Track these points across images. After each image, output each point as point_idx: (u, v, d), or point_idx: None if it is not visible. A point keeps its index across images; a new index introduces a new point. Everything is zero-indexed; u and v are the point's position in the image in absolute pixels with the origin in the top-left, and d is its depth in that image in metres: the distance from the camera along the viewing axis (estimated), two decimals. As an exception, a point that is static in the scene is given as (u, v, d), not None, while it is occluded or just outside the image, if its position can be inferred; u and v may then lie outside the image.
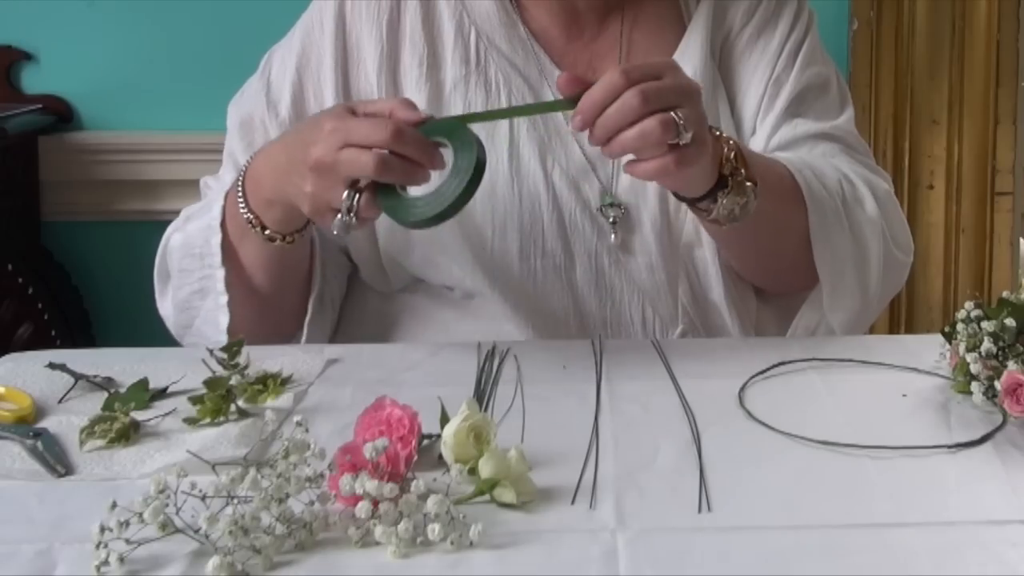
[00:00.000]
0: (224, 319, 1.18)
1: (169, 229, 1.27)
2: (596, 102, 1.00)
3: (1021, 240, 2.36)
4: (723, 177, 1.08)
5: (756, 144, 1.26)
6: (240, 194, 1.15)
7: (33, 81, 2.25)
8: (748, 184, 1.09)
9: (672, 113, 0.99)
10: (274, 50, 1.31)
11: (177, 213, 1.27)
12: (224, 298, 1.18)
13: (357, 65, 1.25)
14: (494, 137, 1.22)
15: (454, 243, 1.22)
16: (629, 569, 0.72)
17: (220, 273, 1.18)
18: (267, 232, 1.15)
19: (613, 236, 1.22)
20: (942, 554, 0.73)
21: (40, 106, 2.23)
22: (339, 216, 1.02)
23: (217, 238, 1.18)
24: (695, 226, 1.22)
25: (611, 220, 1.23)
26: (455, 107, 1.24)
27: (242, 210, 1.15)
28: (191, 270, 1.21)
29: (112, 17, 2.22)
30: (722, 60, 1.29)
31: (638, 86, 0.99)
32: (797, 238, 1.18)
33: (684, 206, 1.17)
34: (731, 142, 1.10)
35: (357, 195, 1.01)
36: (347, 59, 1.26)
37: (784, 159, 1.20)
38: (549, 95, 1.24)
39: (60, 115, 2.25)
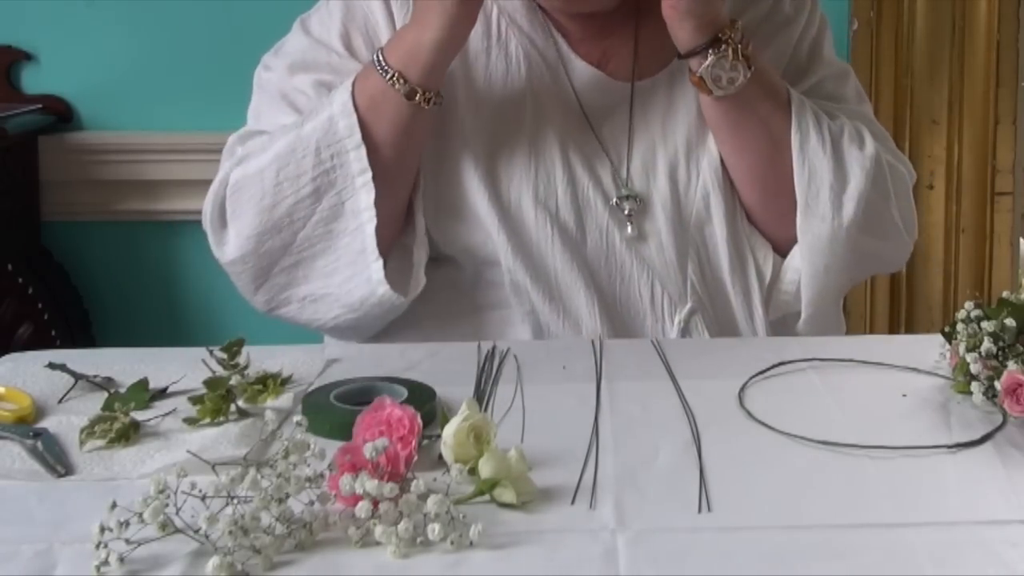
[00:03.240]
0: (367, 196, 1.19)
1: (221, 173, 1.26)
2: None
3: (1021, 240, 2.36)
4: (718, 40, 1.19)
5: None
6: (381, 62, 1.19)
7: (33, 81, 2.25)
8: (741, 59, 1.19)
9: None
10: (306, 18, 1.32)
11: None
12: (368, 174, 1.19)
13: (398, 20, 1.28)
14: (516, 111, 1.26)
15: (479, 202, 1.24)
16: (629, 569, 0.72)
17: (359, 152, 1.19)
18: (411, 87, 1.18)
19: (629, 228, 1.25)
20: (942, 554, 0.73)
21: (40, 106, 2.23)
22: None
23: (350, 119, 1.19)
24: (705, 203, 1.25)
25: (627, 212, 1.25)
26: (476, 74, 1.27)
27: (383, 73, 1.19)
28: (297, 175, 1.20)
29: (112, 17, 2.22)
30: None
31: None
32: (787, 159, 1.23)
33: (695, 182, 1.25)
34: (744, 38, 1.20)
35: None
36: (393, 17, 1.28)
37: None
38: (565, 77, 1.28)
39: (60, 115, 2.25)
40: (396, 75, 1.19)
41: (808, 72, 1.33)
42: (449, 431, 0.84)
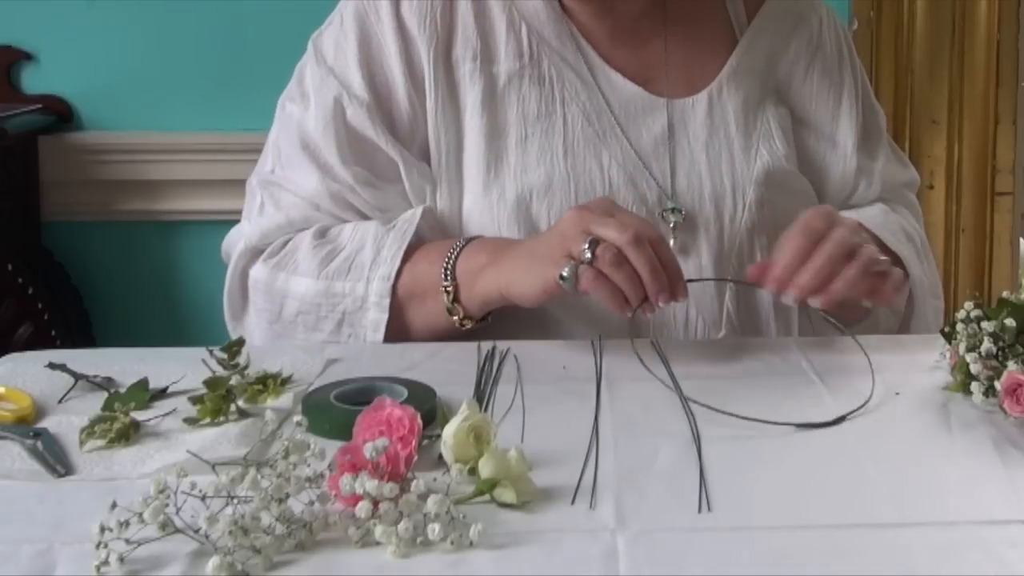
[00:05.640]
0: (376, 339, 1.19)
1: (242, 254, 1.26)
2: (792, 268, 1.06)
3: (1021, 240, 2.36)
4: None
5: (865, 182, 1.35)
6: (448, 270, 1.16)
7: (33, 81, 2.25)
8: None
9: (862, 252, 1.07)
10: (319, 38, 1.29)
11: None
12: (380, 334, 1.18)
13: (413, 50, 1.25)
14: (549, 133, 1.24)
15: (512, 228, 1.22)
16: (629, 569, 0.72)
17: (375, 336, 1.18)
18: (465, 317, 1.17)
19: (673, 241, 1.23)
20: (942, 554, 0.73)
21: (40, 106, 2.23)
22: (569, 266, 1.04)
23: (380, 315, 1.18)
24: (750, 238, 1.25)
25: (671, 225, 1.24)
26: (510, 100, 1.25)
27: (445, 289, 1.16)
28: (315, 326, 1.21)
29: (112, 17, 2.22)
30: (789, 85, 1.33)
31: (824, 248, 1.05)
32: None
33: (740, 214, 1.25)
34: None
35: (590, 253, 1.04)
36: (407, 45, 1.25)
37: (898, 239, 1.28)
38: (598, 92, 1.26)
39: (60, 115, 2.25)
40: (455, 306, 1.17)
41: (880, 126, 1.39)
42: (449, 431, 0.84)
